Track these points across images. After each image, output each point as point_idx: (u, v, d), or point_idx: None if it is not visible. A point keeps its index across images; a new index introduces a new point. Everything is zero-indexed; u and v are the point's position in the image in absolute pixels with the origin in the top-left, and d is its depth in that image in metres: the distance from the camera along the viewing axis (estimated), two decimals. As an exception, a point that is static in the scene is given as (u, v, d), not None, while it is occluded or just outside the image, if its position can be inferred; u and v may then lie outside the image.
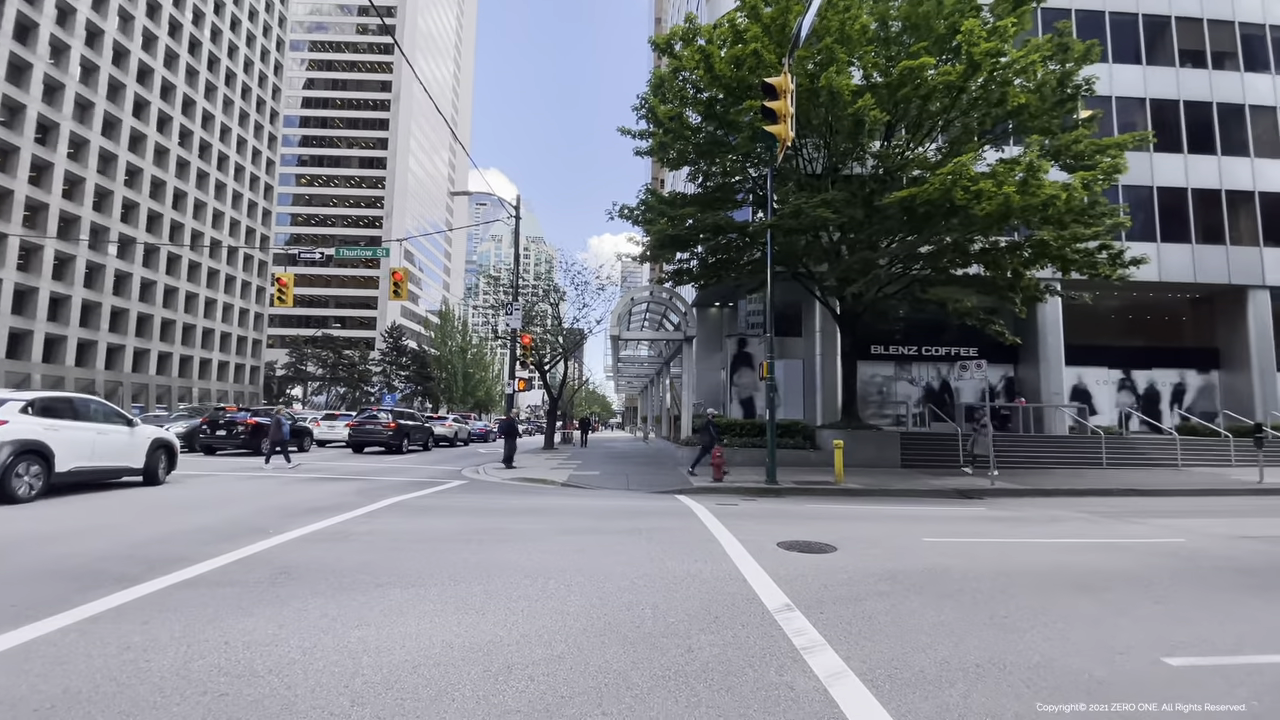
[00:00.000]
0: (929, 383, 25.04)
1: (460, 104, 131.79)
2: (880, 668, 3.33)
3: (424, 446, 25.11)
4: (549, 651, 3.47)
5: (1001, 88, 13.62)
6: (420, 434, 24.63)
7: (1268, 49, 25.83)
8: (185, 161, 60.63)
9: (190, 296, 62.11)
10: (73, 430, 9.48)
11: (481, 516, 8.43)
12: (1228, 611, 4.45)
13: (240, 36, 69.62)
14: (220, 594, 4.44)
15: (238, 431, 19.46)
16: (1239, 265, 24.43)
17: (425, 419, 28.36)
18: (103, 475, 10.15)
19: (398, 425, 22.03)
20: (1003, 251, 15.18)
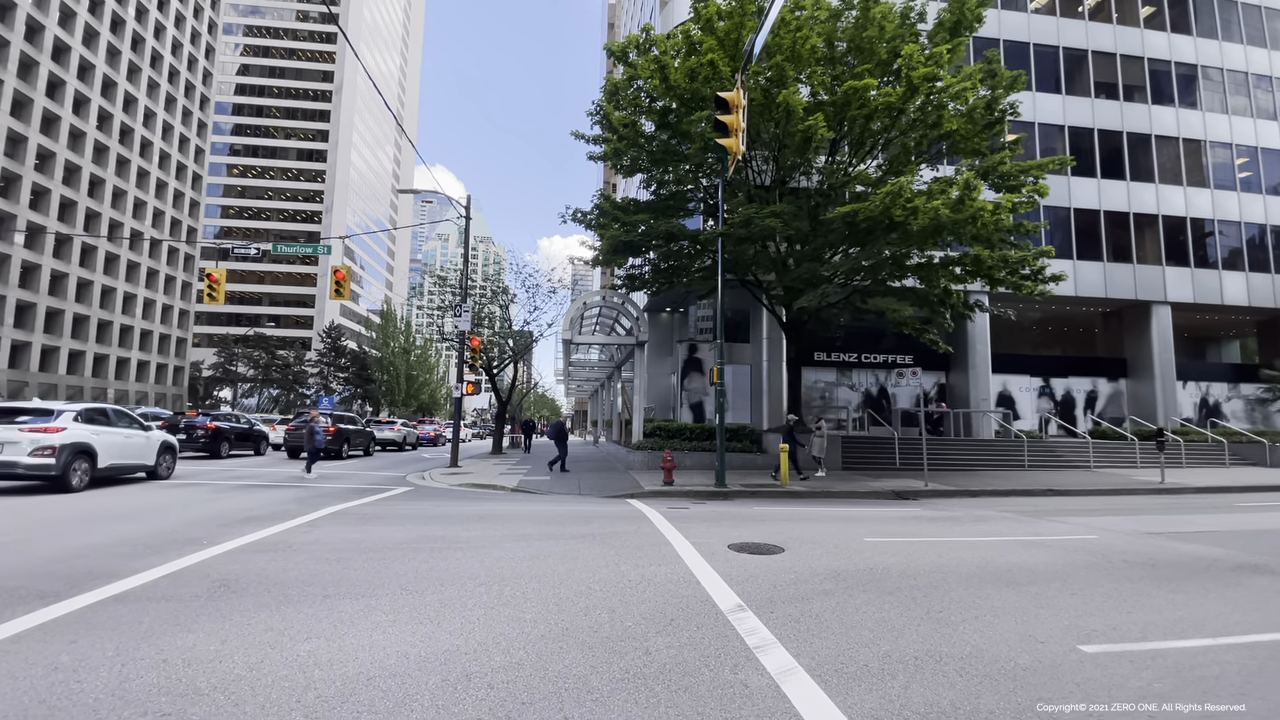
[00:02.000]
0: (868, 388, 26.07)
1: (407, 99, 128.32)
2: (828, 663, 3.51)
3: (365, 451, 24.43)
4: (508, 658, 3.48)
5: (937, 110, 14.40)
6: (361, 438, 23.93)
7: (1172, 84, 28.25)
8: (104, 147, 56.67)
9: (107, 291, 58.00)
10: (109, 434, 11.58)
11: (430, 524, 8.27)
12: (1135, 602, 4.88)
13: (168, 17, 65.68)
14: (155, 609, 4.23)
15: (197, 435, 19.58)
16: (1144, 282, 26.56)
17: (367, 422, 27.54)
18: (126, 471, 12.14)
19: (338, 429, 21.29)
20: (936, 266, 16.03)
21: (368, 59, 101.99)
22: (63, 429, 10.46)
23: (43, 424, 10.35)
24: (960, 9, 15.25)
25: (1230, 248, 27.75)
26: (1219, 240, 27.64)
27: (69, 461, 10.42)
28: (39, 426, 10.27)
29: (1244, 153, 28.50)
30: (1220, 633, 4.16)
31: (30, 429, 10.19)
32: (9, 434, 10.06)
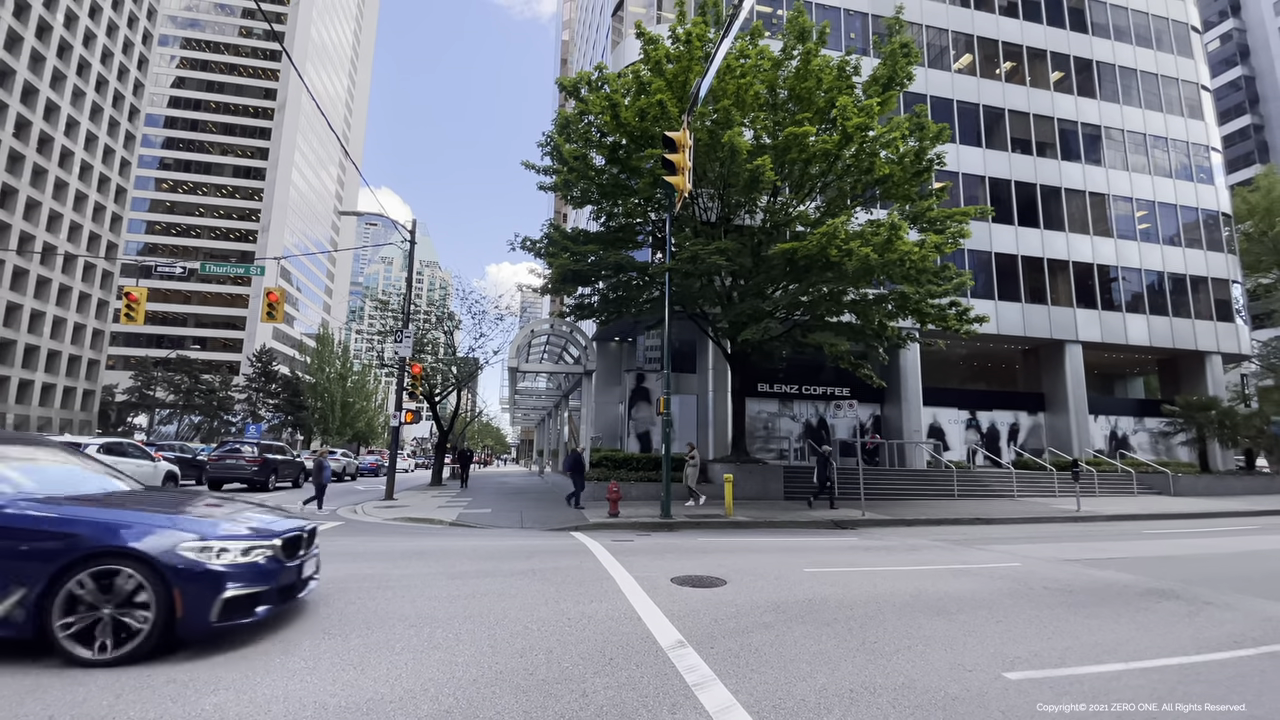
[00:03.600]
0: (808, 419, 26.74)
1: (354, 120, 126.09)
2: (766, 699, 3.50)
3: (294, 483, 23.07)
4: (435, 706, 3.31)
5: (870, 157, 15.27)
6: (290, 468, 22.64)
7: (1079, 142, 30.92)
8: (19, 155, 52.97)
9: (12, 308, 53.54)
10: (125, 465, 13.30)
11: (360, 562, 7.87)
12: (1054, 628, 5.11)
13: (100, 24, 62.68)
14: (41, 660, 3.82)
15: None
16: (1058, 322, 28.53)
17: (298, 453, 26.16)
18: None
19: (264, 459, 20.21)
20: (870, 303, 16.78)
21: (314, 79, 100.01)
22: None
23: None
24: (893, 66, 16.33)
25: (1133, 292, 30.23)
26: (1123, 285, 30.09)
27: None
28: None
29: (1143, 206, 31.33)
30: (1132, 657, 4.39)
31: None
32: None
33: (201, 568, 4.02)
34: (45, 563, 3.80)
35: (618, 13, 28.68)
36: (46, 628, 3.74)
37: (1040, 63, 31.22)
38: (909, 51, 16.37)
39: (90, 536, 3.90)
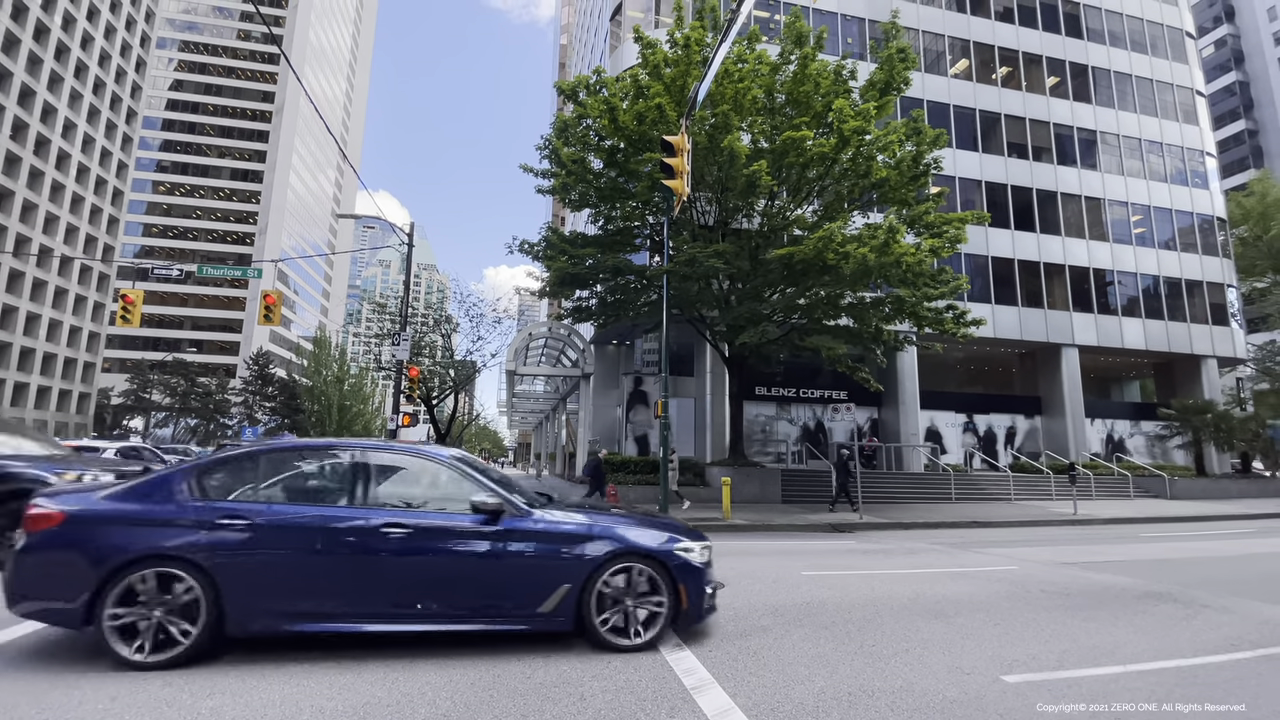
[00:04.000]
0: (806, 423, 26.75)
1: (352, 123, 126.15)
2: (764, 702, 3.50)
3: None
4: (433, 710, 3.30)
5: (867, 161, 15.33)
6: None
7: (1075, 147, 31.08)
8: (16, 158, 52.85)
9: (8, 310, 53.36)
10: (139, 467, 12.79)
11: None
12: (1052, 631, 5.11)
13: (98, 27, 62.65)
14: (37, 662, 3.80)
15: None
16: (1055, 326, 28.62)
17: None
18: None
19: None
20: (867, 306, 16.81)
21: (312, 82, 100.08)
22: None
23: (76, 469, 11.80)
24: (889, 71, 16.40)
25: (1128, 296, 30.35)
26: (1118, 289, 30.21)
27: None
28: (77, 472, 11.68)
29: (1138, 210, 31.48)
30: (1130, 660, 4.39)
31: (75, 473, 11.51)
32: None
33: (694, 566, 4.67)
34: (582, 564, 4.43)
35: (616, 17, 28.78)
36: (585, 619, 4.38)
37: (1036, 68, 31.39)
38: (905, 56, 16.44)
39: (614, 541, 4.56)
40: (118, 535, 3.91)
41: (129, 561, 3.84)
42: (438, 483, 4.70)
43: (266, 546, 4.05)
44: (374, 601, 4.15)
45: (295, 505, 4.31)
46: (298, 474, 4.58)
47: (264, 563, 4.03)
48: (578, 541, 4.49)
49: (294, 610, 4.04)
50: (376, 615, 4.16)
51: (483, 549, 4.33)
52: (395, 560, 4.17)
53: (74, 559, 3.86)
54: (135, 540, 3.91)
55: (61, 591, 3.81)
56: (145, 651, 3.77)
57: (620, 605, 4.43)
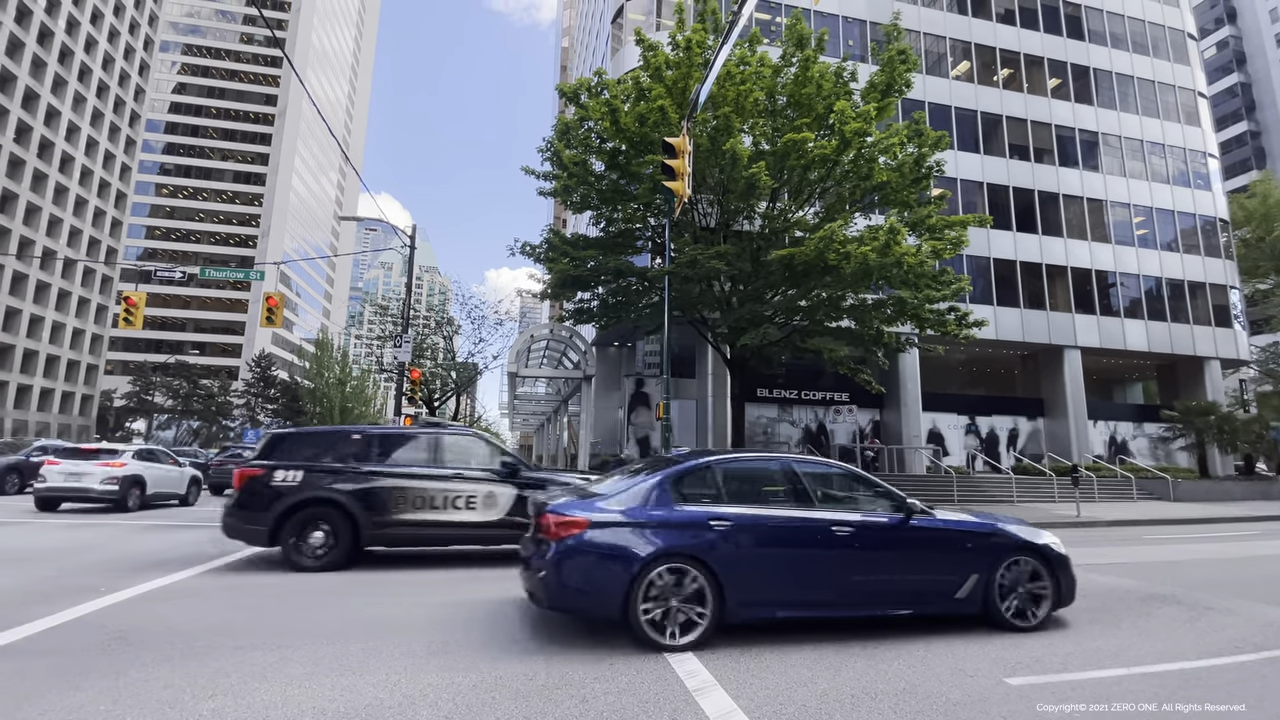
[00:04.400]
0: (808, 424, 26.73)
1: (354, 126, 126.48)
2: (767, 704, 3.49)
3: None
4: (435, 712, 3.30)
5: (869, 163, 15.32)
6: None
7: (1077, 149, 31.06)
8: (20, 160, 53.07)
9: (11, 313, 53.52)
10: (156, 469, 14.42)
11: (362, 567, 7.84)
12: (1056, 634, 5.09)
13: (101, 30, 62.90)
14: (40, 664, 3.82)
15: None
16: (1057, 328, 28.58)
17: None
18: (165, 498, 14.84)
19: None
20: (869, 308, 16.80)
21: (315, 85, 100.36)
22: (125, 464, 13.36)
23: (110, 460, 13.27)
24: (890, 73, 16.41)
25: (1131, 298, 30.30)
26: (1121, 291, 30.16)
27: (127, 489, 13.22)
28: (108, 462, 13.20)
29: (1140, 212, 31.44)
30: (1134, 662, 4.38)
31: (101, 464, 13.12)
32: (87, 468, 13.01)
33: (1064, 556, 5.36)
34: (984, 558, 5.14)
35: (617, 20, 28.84)
36: (990, 604, 5.05)
37: (1037, 69, 31.38)
38: (906, 58, 16.44)
39: (1006, 536, 5.29)
40: (634, 537, 4.57)
41: (651, 559, 4.48)
42: (853, 487, 5.53)
43: (748, 544, 4.71)
44: (825, 591, 4.87)
45: (754, 507, 4.93)
46: (747, 480, 5.28)
47: (749, 558, 4.70)
48: (978, 538, 5.20)
49: (772, 599, 4.75)
50: (828, 604, 4.89)
51: (906, 544, 5.06)
52: (841, 555, 4.87)
53: (606, 560, 4.51)
54: (650, 541, 4.55)
55: (601, 587, 4.49)
56: (675, 636, 4.46)
57: (1015, 592, 5.11)
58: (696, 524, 4.65)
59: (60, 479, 13.02)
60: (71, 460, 13.31)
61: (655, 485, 4.84)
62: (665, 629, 4.43)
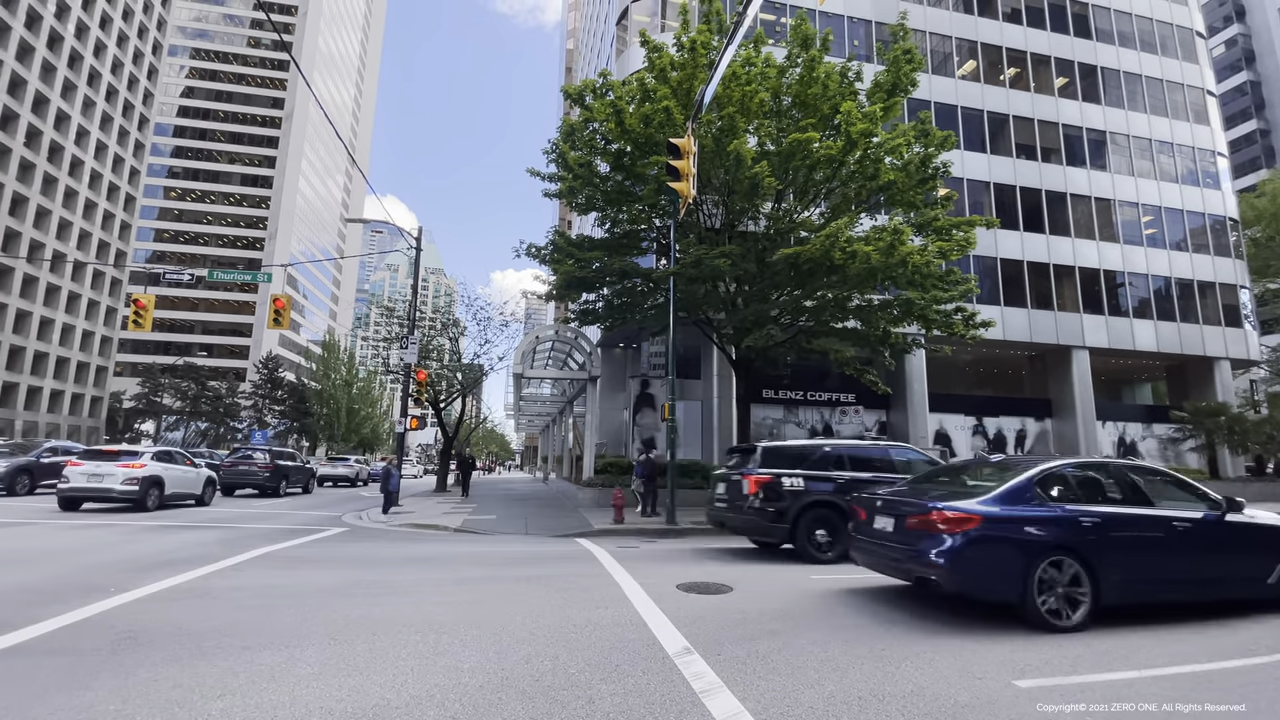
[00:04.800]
0: (814, 425, 26.64)
1: (360, 129, 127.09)
2: (773, 706, 3.48)
3: (304, 489, 23.47)
4: (442, 712, 3.31)
5: (875, 164, 15.25)
6: (301, 475, 23.02)
7: (1084, 148, 30.87)
8: (30, 164, 53.59)
9: (21, 316, 54.02)
10: (174, 470, 14.82)
11: (365, 568, 7.88)
12: (1066, 636, 5.05)
13: (110, 35, 63.48)
14: (51, 663, 3.84)
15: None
16: (1065, 328, 28.40)
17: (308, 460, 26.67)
18: (182, 498, 15.26)
19: (275, 465, 20.67)
20: (875, 309, 16.73)
21: (321, 88, 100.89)
22: (144, 465, 13.78)
23: (130, 461, 13.73)
24: (896, 73, 16.35)
25: (1140, 298, 30.08)
26: (1129, 291, 29.95)
27: (146, 489, 13.65)
28: (128, 463, 13.65)
29: (1149, 211, 31.21)
30: (1145, 665, 4.34)
31: (122, 465, 13.57)
32: (108, 468, 13.46)
33: None
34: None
35: (622, 21, 28.87)
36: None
37: (1044, 68, 31.23)
38: (912, 58, 16.37)
39: None
40: (1025, 532, 5.21)
41: (1042, 550, 5.14)
42: (1174, 488, 6.02)
43: (1112, 536, 5.33)
44: (1169, 578, 5.50)
45: (1109, 505, 5.56)
46: (1091, 480, 5.83)
47: (1113, 548, 5.30)
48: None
49: (1130, 585, 5.33)
50: (1176, 589, 5.54)
51: (1224, 537, 5.70)
52: (1181, 545, 5.52)
53: (1003, 551, 5.17)
54: (1039, 535, 5.20)
55: (1001, 576, 5.15)
56: (1067, 618, 5.11)
57: None
58: (1070, 519, 5.30)
59: (83, 480, 13.43)
60: (93, 461, 13.76)
61: (1025, 484, 5.47)
62: (1060, 613, 5.09)
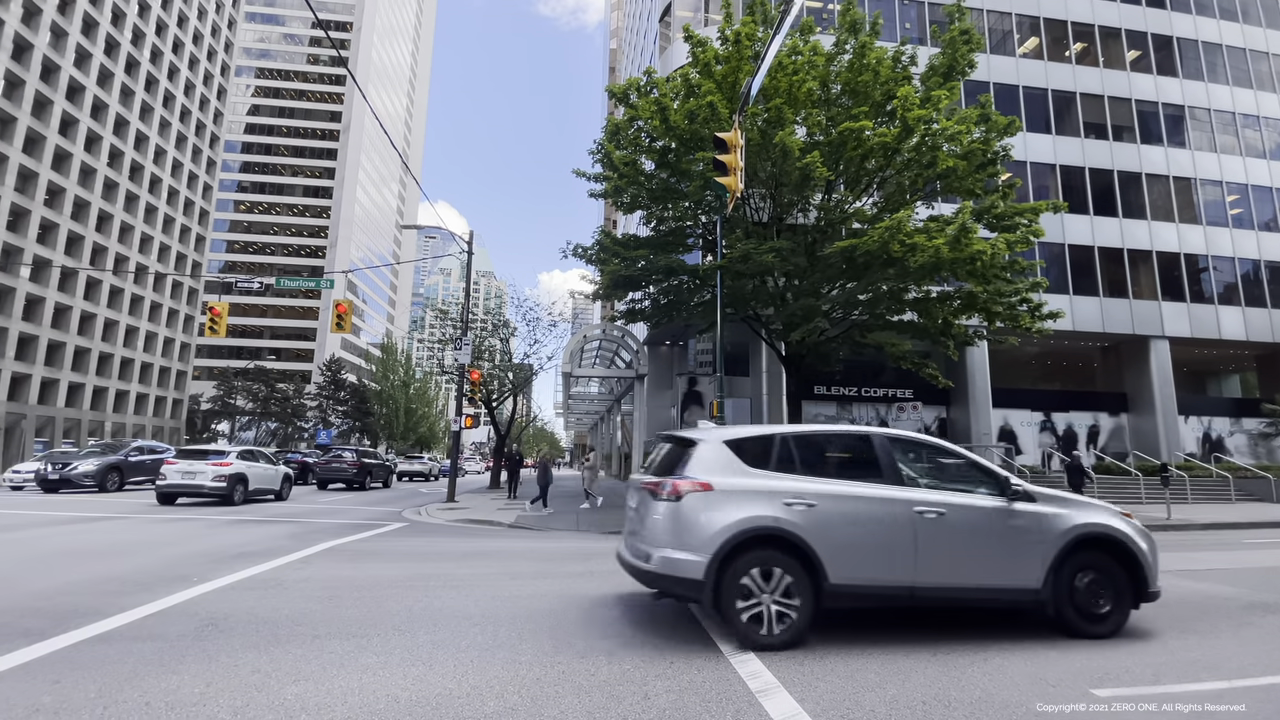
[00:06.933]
0: (869, 423, 25.94)
1: (413, 137, 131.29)
2: (833, 709, 3.40)
3: (384, 484, 26.47)
4: (501, 703, 3.37)
5: (932, 151, 14.68)
6: (381, 471, 26.10)
7: (1160, 124, 28.93)
8: (113, 183, 57.68)
9: (109, 324, 58.26)
10: (256, 468, 16.18)
11: (424, 561, 8.13)
12: (1147, 643, 4.75)
13: (183, 59, 67.65)
14: (140, 649, 4.12)
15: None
16: (1141, 317, 26.70)
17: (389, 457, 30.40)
18: (263, 494, 16.55)
19: (361, 463, 23.95)
20: (934, 301, 16.12)
21: (375, 99, 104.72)
22: (231, 464, 15.16)
23: (219, 460, 15.15)
24: (952, 55, 15.71)
25: (1225, 283, 27.98)
26: (1214, 276, 27.90)
27: (233, 485, 14.99)
28: (217, 462, 15.09)
29: (1234, 190, 28.99)
30: (1234, 675, 4.04)
31: (212, 463, 15.01)
32: (200, 467, 14.91)
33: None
34: None
35: (665, 18, 28.79)
36: None
37: (1114, 42, 29.40)
38: (969, 38, 15.69)
39: None
40: None
41: None
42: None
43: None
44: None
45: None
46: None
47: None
48: None
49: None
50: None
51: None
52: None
53: None
54: None
55: None
56: None
57: None
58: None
59: (178, 477, 14.93)
60: (187, 461, 15.33)
61: None
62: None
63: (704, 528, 4.50)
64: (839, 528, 4.62)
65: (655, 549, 4.64)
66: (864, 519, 4.69)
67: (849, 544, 4.62)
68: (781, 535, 4.52)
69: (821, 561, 4.52)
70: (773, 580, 4.49)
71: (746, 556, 4.50)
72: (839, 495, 4.74)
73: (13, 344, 47.81)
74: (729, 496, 4.61)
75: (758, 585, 4.47)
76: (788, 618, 4.46)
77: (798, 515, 4.58)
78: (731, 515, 4.52)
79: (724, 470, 4.74)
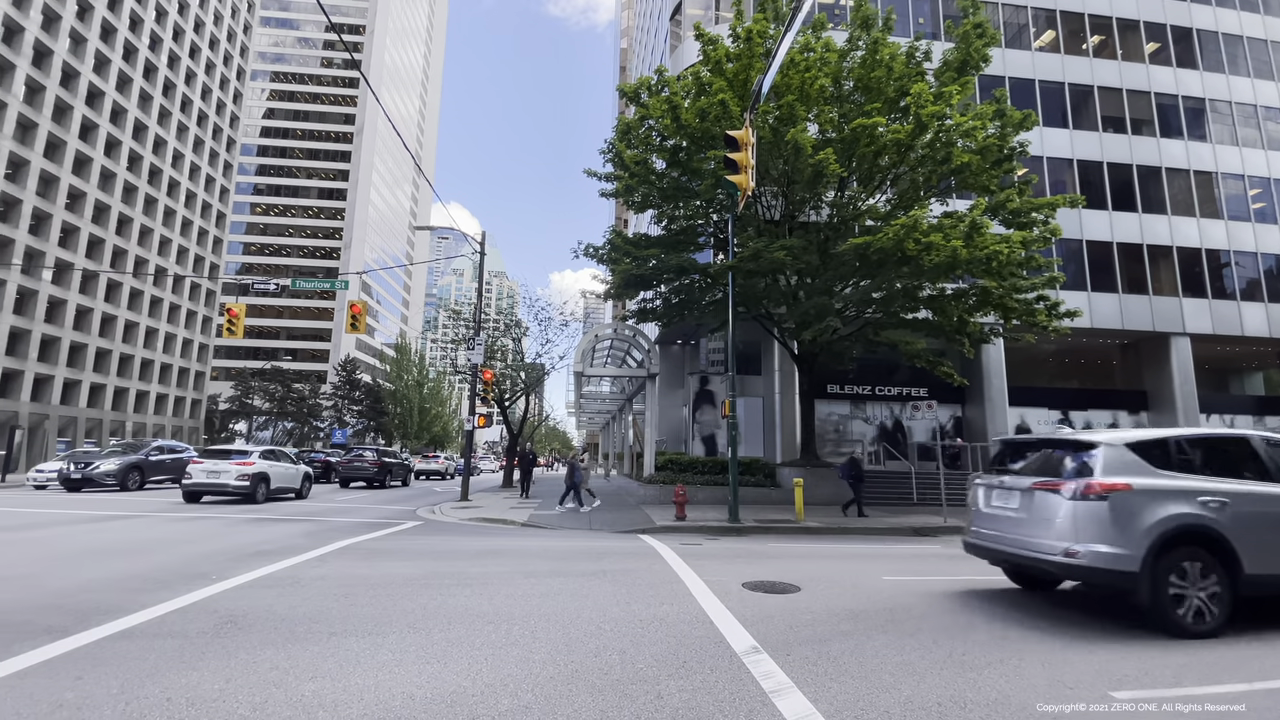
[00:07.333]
0: (883, 422, 25.75)
1: (425, 138, 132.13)
2: (847, 709, 3.38)
3: (403, 482, 27.39)
4: (515, 701, 3.39)
5: (946, 147, 14.54)
6: (401, 470, 26.99)
7: (1180, 117, 28.41)
8: (133, 187, 58.63)
9: (129, 326, 59.24)
10: (278, 467, 16.75)
11: (439, 560, 8.19)
12: (1168, 644, 4.67)
13: (199, 64, 68.58)
14: (160, 646, 4.18)
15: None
16: (1161, 314, 26.24)
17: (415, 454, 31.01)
18: (284, 492, 17.02)
19: (382, 462, 24.77)
20: (949, 299, 15.96)
21: (388, 101, 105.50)
22: (253, 463, 15.65)
23: (242, 459, 15.63)
24: (966, 49, 15.55)
25: (1248, 278, 27.43)
26: (1236, 271, 27.35)
27: (256, 484, 15.44)
28: (240, 461, 15.55)
29: (1257, 184, 28.40)
30: (1258, 676, 3.96)
31: (235, 463, 15.44)
32: (224, 466, 15.36)
33: None
34: None
35: (675, 16, 28.74)
36: None
37: (1132, 34, 28.92)
38: (984, 32, 15.52)
39: None
40: None
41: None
42: None
43: None
44: None
45: None
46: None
47: None
48: None
49: None
50: None
51: None
52: None
53: None
54: None
55: None
56: None
57: None
58: None
59: (203, 476, 15.37)
60: (211, 460, 15.77)
61: None
62: None
63: (1134, 525, 4.96)
64: (1253, 522, 5.12)
65: (1073, 544, 5.07)
66: (1274, 514, 5.20)
67: (1263, 538, 5.10)
68: (1204, 531, 5.00)
69: (1238, 554, 4.98)
70: (1198, 573, 4.96)
71: (1175, 551, 4.96)
72: (1247, 493, 5.23)
73: (36, 346, 48.76)
74: (1150, 496, 5.07)
75: (1186, 578, 4.94)
76: (1210, 608, 4.91)
77: (1215, 512, 5.06)
78: (1158, 513, 5.00)
79: (1134, 471, 5.19)
